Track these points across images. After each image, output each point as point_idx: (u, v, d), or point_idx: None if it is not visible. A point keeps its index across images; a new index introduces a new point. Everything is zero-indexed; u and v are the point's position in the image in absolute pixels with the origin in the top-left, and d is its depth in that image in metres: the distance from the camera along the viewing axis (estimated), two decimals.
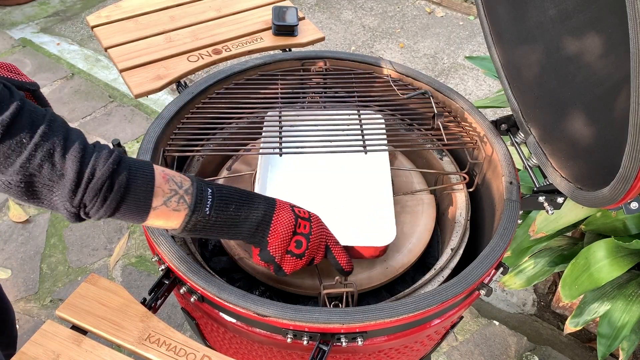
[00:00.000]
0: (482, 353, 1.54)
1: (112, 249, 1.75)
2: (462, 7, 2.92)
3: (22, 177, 0.51)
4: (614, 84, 0.60)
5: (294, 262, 0.70)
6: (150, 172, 0.59)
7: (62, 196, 0.54)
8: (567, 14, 0.69)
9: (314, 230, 0.71)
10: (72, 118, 2.20)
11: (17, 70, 0.75)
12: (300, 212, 0.71)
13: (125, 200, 0.57)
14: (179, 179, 0.62)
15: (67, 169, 0.53)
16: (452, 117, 0.95)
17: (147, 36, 1.05)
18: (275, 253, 0.68)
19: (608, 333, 1.26)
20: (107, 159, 0.55)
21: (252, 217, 0.66)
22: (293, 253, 0.69)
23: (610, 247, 1.23)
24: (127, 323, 0.67)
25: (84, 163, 0.54)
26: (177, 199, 0.61)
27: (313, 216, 0.72)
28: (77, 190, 0.53)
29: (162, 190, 0.59)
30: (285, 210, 0.69)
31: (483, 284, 0.73)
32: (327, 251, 0.73)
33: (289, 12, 1.10)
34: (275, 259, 0.68)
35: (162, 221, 0.61)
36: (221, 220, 0.64)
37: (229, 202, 0.65)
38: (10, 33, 2.65)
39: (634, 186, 0.54)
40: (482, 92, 2.44)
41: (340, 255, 0.73)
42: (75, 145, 0.54)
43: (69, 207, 0.55)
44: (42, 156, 0.51)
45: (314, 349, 0.65)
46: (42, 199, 0.54)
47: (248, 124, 0.99)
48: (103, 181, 0.54)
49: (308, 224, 0.70)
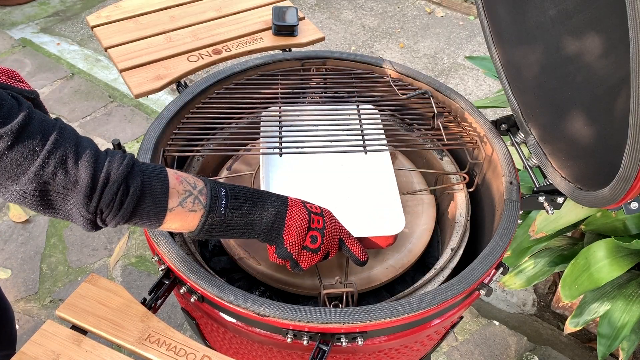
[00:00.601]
0: (482, 353, 1.54)
1: (112, 249, 1.75)
2: (462, 7, 2.92)
3: (37, 185, 0.51)
4: (614, 84, 0.60)
5: (310, 257, 0.70)
6: (164, 174, 0.59)
7: (77, 203, 0.54)
8: (567, 14, 0.69)
9: (328, 224, 0.71)
10: (72, 118, 2.20)
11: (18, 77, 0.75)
12: (313, 208, 0.71)
13: (141, 203, 0.57)
14: (192, 180, 0.62)
15: (80, 174, 0.53)
16: (452, 117, 0.95)
17: (147, 36, 1.05)
18: (292, 249, 0.68)
19: (608, 333, 1.26)
20: (121, 163, 0.55)
21: (266, 215, 0.67)
22: (309, 248, 0.69)
23: (610, 247, 1.23)
24: (127, 323, 0.67)
25: (97, 168, 0.54)
26: (193, 200, 0.61)
27: (325, 211, 0.73)
28: (92, 195, 0.54)
29: (176, 192, 0.60)
30: (297, 206, 0.69)
31: (483, 284, 0.73)
32: (341, 244, 0.73)
33: (289, 12, 1.10)
34: (293, 255, 0.69)
35: (178, 223, 0.61)
36: (236, 219, 0.64)
37: (243, 201, 0.65)
38: (10, 33, 2.65)
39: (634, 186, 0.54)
40: (482, 92, 2.44)
41: (354, 246, 0.74)
42: (87, 151, 0.54)
43: (85, 213, 0.54)
44: (56, 163, 0.52)
45: (314, 349, 0.65)
46: (58, 209, 0.54)
47: (248, 124, 0.99)
48: (118, 185, 0.54)
49: (321, 218, 0.71)
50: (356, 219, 0.83)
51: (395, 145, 0.97)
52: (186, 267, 0.70)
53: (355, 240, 0.75)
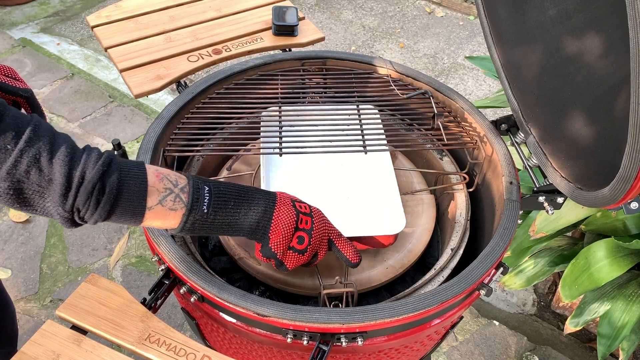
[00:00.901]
0: (482, 353, 1.54)
1: (112, 249, 1.75)
2: (462, 7, 2.92)
3: (10, 184, 0.51)
4: (614, 84, 0.60)
5: (296, 258, 0.69)
6: (142, 172, 0.58)
7: (53, 201, 0.53)
8: (567, 14, 0.69)
9: (316, 225, 0.69)
10: (72, 118, 2.20)
11: (14, 74, 0.75)
12: (302, 207, 0.69)
13: (119, 201, 0.56)
14: (174, 177, 0.61)
15: (55, 173, 0.52)
16: (452, 117, 0.95)
17: (147, 36, 1.05)
18: (276, 249, 0.67)
19: (608, 333, 1.26)
20: (97, 161, 0.54)
21: (252, 214, 0.65)
22: (295, 249, 0.68)
23: (610, 247, 1.23)
24: (127, 323, 0.66)
25: (72, 167, 0.53)
26: (173, 198, 0.59)
27: (315, 210, 0.71)
28: (67, 194, 0.53)
29: (156, 190, 0.58)
30: (286, 205, 0.68)
31: (483, 284, 0.73)
32: (331, 245, 0.72)
33: (289, 12, 1.10)
34: (277, 255, 0.67)
35: (159, 221, 0.60)
36: (220, 217, 0.63)
37: (228, 199, 0.64)
38: (10, 33, 2.65)
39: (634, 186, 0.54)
40: (482, 92, 2.44)
41: (345, 247, 0.72)
42: (62, 149, 0.52)
43: (62, 212, 0.54)
44: (29, 162, 0.51)
45: (314, 349, 0.65)
46: (35, 206, 0.54)
47: (248, 124, 0.99)
48: (94, 184, 0.53)
49: (310, 219, 0.69)
50: (356, 219, 0.83)
51: (395, 145, 0.97)
52: (186, 267, 0.70)
53: (347, 241, 0.73)
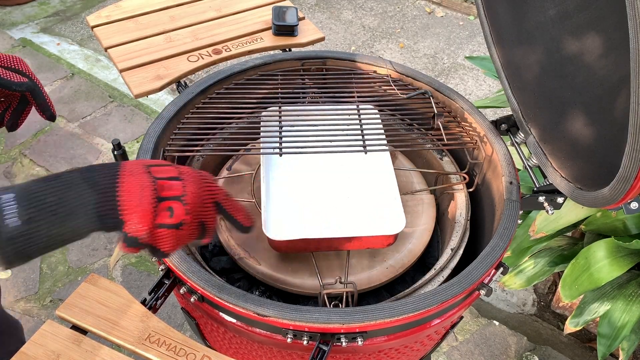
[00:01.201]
0: (482, 353, 1.54)
1: (112, 249, 1.75)
2: (462, 7, 2.92)
3: None
4: (614, 84, 0.60)
5: (172, 236, 0.53)
6: None
7: None
8: (567, 14, 0.69)
9: (190, 188, 0.54)
10: (72, 118, 2.20)
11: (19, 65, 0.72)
12: (162, 171, 0.55)
13: None
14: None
15: None
16: (452, 117, 0.95)
17: (147, 36, 1.05)
18: (138, 233, 0.51)
19: (608, 333, 1.26)
20: None
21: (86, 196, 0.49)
22: (166, 225, 0.52)
23: (610, 247, 1.23)
24: (127, 323, 0.66)
25: None
26: None
27: (186, 172, 0.56)
28: None
29: None
30: (134, 175, 0.53)
31: (483, 284, 0.73)
32: (219, 208, 0.58)
33: (289, 12, 1.10)
34: (142, 239, 0.52)
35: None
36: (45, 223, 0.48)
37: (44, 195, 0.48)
38: (10, 33, 2.65)
39: (634, 186, 0.54)
40: (482, 92, 2.44)
41: (234, 209, 0.59)
42: None
43: None
44: None
45: (314, 349, 0.65)
46: None
47: (248, 124, 0.99)
48: None
49: (178, 183, 0.54)
50: (356, 219, 0.83)
51: (395, 145, 0.97)
52: (186, 267, 0.70)
53: (236, 203, 0.60)
